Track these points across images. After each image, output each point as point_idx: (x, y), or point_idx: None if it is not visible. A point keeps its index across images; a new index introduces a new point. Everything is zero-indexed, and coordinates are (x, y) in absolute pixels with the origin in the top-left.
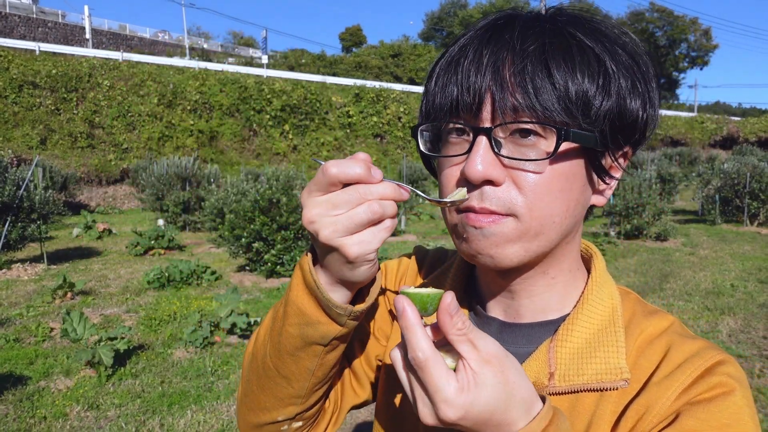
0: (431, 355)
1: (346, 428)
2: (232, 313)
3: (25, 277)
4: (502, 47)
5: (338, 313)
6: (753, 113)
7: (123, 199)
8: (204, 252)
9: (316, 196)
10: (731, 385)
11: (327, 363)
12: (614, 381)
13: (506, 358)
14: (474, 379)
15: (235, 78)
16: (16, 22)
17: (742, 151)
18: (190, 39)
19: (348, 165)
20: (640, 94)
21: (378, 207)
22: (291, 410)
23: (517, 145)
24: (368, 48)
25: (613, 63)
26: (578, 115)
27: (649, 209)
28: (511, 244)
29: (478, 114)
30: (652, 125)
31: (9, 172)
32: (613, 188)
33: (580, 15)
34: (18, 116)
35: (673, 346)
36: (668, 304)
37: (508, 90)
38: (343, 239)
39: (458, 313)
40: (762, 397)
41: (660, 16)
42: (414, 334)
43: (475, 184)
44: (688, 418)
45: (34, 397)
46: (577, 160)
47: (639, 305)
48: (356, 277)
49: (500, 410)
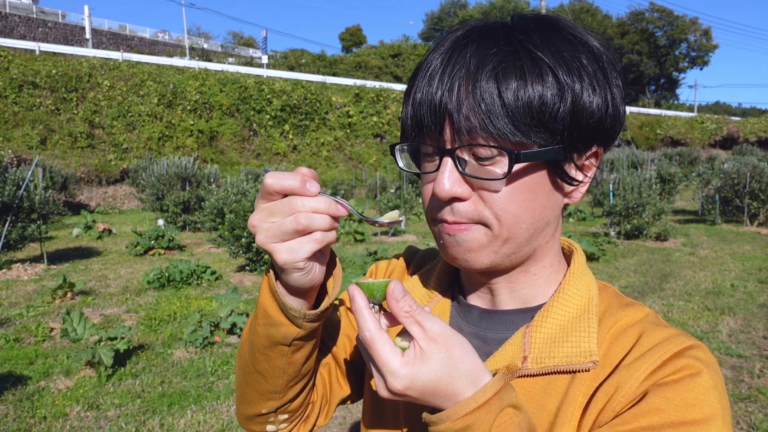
0: (376, 333)
1: (345, 428)
2: (232, 313)
3: (25, 277)
4: (461, 67)
5: (294, 315)
6: (753, 113)
7: (123, 199)
8: (204, 252)
9: (260, 203)
10: (698, 367)
11: (295, 362)
12: (583, 363)
13: (452, 335)
14: (420, 354)
15: (235, 78)
16: (16, 22)
17: (742, 151)
18: (190, 39)
19: (284, 177)
20: (601, 95)
21: (304, 219)
22: (271, 404)
23: (480, 166)
24: (368, 48)
25: (566, 71)
26: (531, 132)
27: (649, 209)
28: (483, 249)
29: (441, 135)
30: (619, 124)
31: (9, 172)
32: (586, 186)
33: (538, 22)
34: (18, 116)
35: (645, 333)
36: (668, 304)
37: (462, 112)
38: (274, 245)
39: (404, 297)
40: (762, 397)
41: (660, 16)
42: (362, 316)
43: (444, 201)
44: (655, 396)
45: (34, 397)
46: (539, 172)
47: (616, 298)
48: (293, 282)
49: (444, 382)
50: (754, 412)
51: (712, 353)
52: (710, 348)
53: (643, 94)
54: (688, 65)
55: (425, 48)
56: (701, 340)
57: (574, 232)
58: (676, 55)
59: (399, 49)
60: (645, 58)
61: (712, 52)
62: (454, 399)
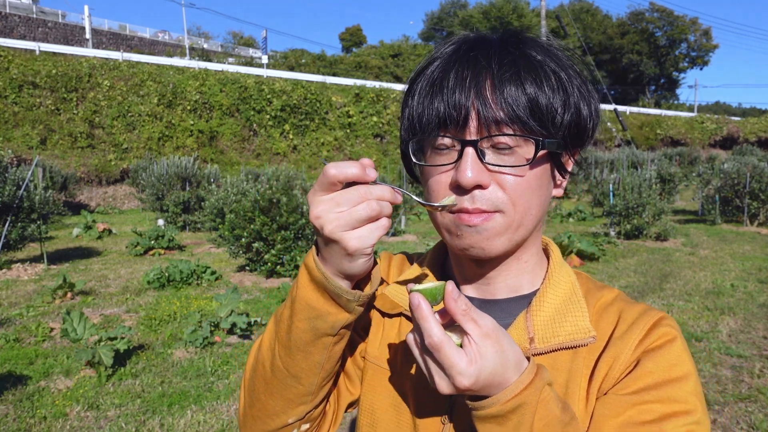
0: (444, 338)
1: (343, 426)
2: (232, 313)
3: (25, 277)
4: (481, 70)
5: (347, 300)
6: (753, 113)
7: (123, 199)
8: (204, 252)
9: (320, 195)
10: (673, 334)
11: (335, 355)
12: (584, 338)
13: (500, 330)
14: (478, 351)
15: (235, 78)
16: (16, 22)
17: (742, 151)
18: (190, 39)
19: (345, 166)
20: (588, 102)
21: (376, 205)
22: (301, 410)
23: (497, 153)
24: (368, 48)
25: (567, 78)
26: (549, 125)
27: (649, 209)
28: (500, 236)
29: (464, 128)
30: (595, 131)
31: (9, 172)
32: (566, 181)
33: (531, 38)
34: (18, 116)
35: (624, 310)
36: (668, 304)
37: (490, 107)
38: (344, 233)
39: (460, 297)
40: (762, 397)
41: (660, 16)
42: (429, 323)
43: (467, 189)
44: (647, 361)
45: (33, 397)
46: (546, 164)
47: (590, 282)
48: (354, 269)
49: (500, 373)
50: (754, 412)
51: (675, 320)
52: (710, 348)
53: (643, 94)
54: (688, 65)
55: (425, 48)
56: (701, 340)
57: (574, 232)
58: (676, 55)
59: (399, 49)
60: (645, 58)
61: (712, 52)
62: (505, 385)
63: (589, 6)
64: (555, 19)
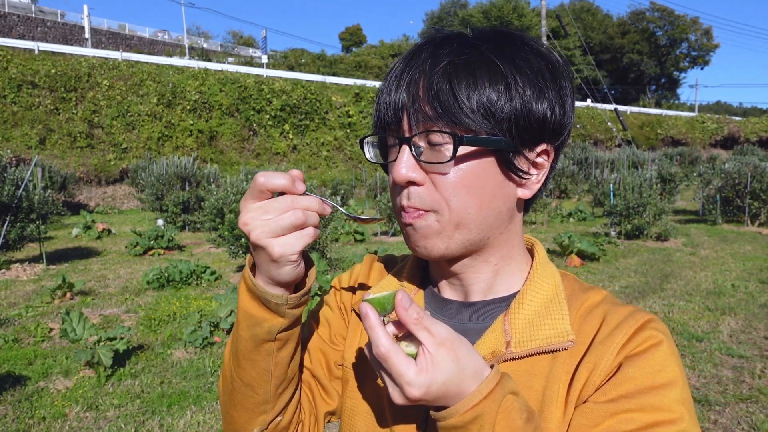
0: (392, 348)
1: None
2: (231, 313)
3: (24, 277)
4: (416, 68)
5: (276, 304)
6: (754, 113)
7: (122, 199)
8: (204, 252)
9: (250, 203)
10: (659, 338)
11: (282, 361)
12: (562, 343)
13: (457, 338)
14: (431, 360)
15: (235, 78)
16: (15, 22)
17: (743, 151)
18: (190, 38)
19: (275, 176)
20: (548, 99)
21: (302, 215)
22: (263, 419)
23: (433, 151)
24: (368, 48)
25: (517, 74)
26: (481, 122)
27: (649, 209)
28: (437, 235)
29: (399, 127)
30: (566, 127)
31: (8, 172)
32: (541, 182)
33: (496, 33)
34: (17, 116)
35: (608, 313)
36: (669, 305)
37: (418, 105)
38: (270, 240)
39: (411, 306)
40: (763, 397)
41: (661, 16)
42: (375, 332)
43: (402, 186)
44: (628, 367)
45: (33, 397)
46: (486, 160)
47: (576, 283)
48: (283, 276)
49: (456, 383)
50: (755, 412)
51: (663, 323)
52: (711, 348)
53: (644, 94)
54: (688, 65)
55: None
56: (702, 340)
57: (574, 232)
58: (677, 54)
59: (399, 48)
60: (646, 57)
61: (712, 51)
62: (462, 396)
63: (590, 5)
64: (555, 18)
